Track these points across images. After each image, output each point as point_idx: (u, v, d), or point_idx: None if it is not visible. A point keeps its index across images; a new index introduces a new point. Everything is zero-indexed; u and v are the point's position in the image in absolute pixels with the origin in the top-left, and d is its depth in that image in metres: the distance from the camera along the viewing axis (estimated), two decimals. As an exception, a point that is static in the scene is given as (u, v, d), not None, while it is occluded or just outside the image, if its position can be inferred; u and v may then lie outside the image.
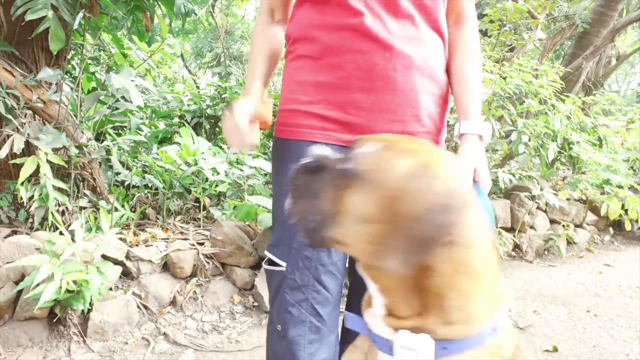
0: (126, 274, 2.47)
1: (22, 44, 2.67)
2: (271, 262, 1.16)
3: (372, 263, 0.65)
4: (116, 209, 2.81)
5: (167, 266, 2.60)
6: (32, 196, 2.48)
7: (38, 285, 1.87)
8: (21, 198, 2.44)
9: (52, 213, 2.52)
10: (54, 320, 2.09)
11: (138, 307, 2.35)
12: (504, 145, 4.07)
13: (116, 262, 2.27)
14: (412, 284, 0.65)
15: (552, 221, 4.10)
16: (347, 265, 1.17)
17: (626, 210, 4.10)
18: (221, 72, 9.61)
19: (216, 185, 3.30)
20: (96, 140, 3.11)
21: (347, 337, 1.19)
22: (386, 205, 0.60)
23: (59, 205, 2.65)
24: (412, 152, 0.64)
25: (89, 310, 2.13)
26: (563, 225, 4.03)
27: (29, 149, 2.56)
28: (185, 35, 9.68)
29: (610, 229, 4.57)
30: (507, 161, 4.45)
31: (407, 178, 0.60)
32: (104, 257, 2.20)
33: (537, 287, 3.17)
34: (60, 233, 2.18)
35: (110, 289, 2.33)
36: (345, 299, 1.33)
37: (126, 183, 3.21)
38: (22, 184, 2.41)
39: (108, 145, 3.07)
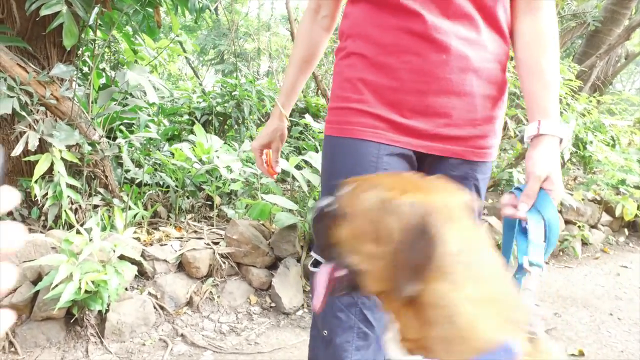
0: (141, 273, 2.43)
1: (34, 40, 2.63)
2: (317, 264, 1.11)
3: (383, 289, 0.71)
4: (130, 207, 2.77)
5: (182, 266, 2.56)
6: (46, 194, 2.43)
7: (57, 285, 1.83)
8: (35, 196, 2.39)
9: (65, 211, 2.48)
10: (71, 321, 2.05)
11: (154, 307, 2.31)
12: (517, 144, 4.01)
13: (133, 261, 2.23)
14: (411, 307, 0.67)
15: (567, 222, 4.04)
16: None
17: (642, 211, 4.05)
18: (224, 69, 9.56)
19: (229, 184, 3.26)
20: (106, 137, 3.06)
21: None
22: (365, 235, 0.69)
23: (72, 203, 2.61)
24: (378, 185, 0.72)
25: (106, 311, 2.09)
26: (579, 226, 3.97)
27: (42, 146, 2.52)
28: (189, 32, 9.62)
29: (625, 230, 4.51)
30: (520, 160, 4.40)
31: (373, 208, 0.69)
32: (121, 256, 2.15)
33: (555, 288, 3.12)
34: (78, 232, 2.14)
35: (126, 289, 2.29)
36: None
37: (137, 181, 3.16)
38: (35, 181, 2.36)
39: (119, 143, 3.03)
